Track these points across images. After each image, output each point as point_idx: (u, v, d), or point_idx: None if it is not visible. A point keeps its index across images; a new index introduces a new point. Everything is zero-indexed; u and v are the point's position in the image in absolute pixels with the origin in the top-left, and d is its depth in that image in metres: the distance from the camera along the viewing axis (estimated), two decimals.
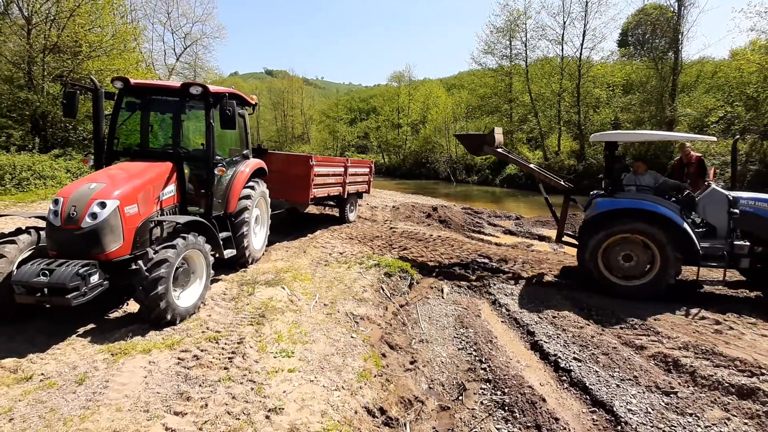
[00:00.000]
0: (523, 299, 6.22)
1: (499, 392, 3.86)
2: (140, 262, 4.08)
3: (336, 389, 3.49)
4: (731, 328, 5.08)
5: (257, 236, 7.02)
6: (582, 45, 28.85)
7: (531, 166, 7.77)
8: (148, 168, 4.97)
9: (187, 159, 5.63)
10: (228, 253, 5.73)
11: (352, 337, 4.52)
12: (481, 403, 3.77)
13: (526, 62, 32.69)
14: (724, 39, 67.03)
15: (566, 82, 29.81)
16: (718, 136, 20.41)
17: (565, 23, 29.48)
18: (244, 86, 55.76)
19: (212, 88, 5.44)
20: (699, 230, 6.32)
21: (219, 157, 5.87)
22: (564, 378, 4.16)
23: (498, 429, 3.44)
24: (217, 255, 5.32)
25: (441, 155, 38.22)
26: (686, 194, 6.45)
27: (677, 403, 3.64)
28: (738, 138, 7.90)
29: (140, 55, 22.54)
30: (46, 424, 2.79)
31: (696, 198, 6.36)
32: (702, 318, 5.42)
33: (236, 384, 3.36)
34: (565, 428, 3.34)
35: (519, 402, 3.66)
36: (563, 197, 7.36)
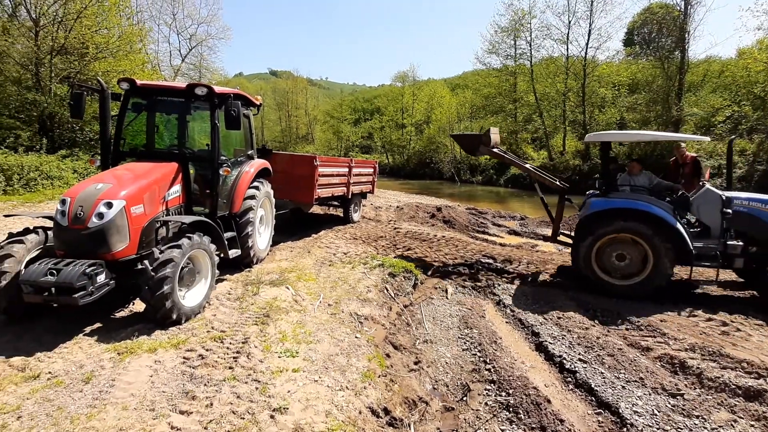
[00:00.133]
0: (528, 300, 6.21)
1: (504, 393, 3.85)
2: (146, 262, 4.11)
3: (340, 389, 3.50)
4: (738, 330, 5.04)
5: (262, 236, 7.04)
6: (587, 44, 28.82)
7: (526, 166, 7.79)
8: (154, 168, 5.00)
9: (193, 159, 5.67)
10: (233, 253, 5.76)
11: (357, 338, 4.52)
12: (486, 404, 3.77)
13: (531, 62, 32.52)
14: (731, 38, 66.47)
15: (571, 82, 29.69)
16: (726, 136, 20.24)
17: (571, 22, 29.43)
18: (249, 87, 55.91)
19: (217, 89, 5.47)
20: (693, 230, 6.33)
21: (224, 158, 5.90)
22: (569, 379, 4.14)
23: (503, 430, 3.43)
24: (222, 255, 5.35)
25: (445, 155, 38.15)
26: (680, 194, 6.47)
27: (683, 405, 3.61)
28: (734, 138, 7.87)
29: (146, 57, 22.65)
30: (54, 422, 2.82)
31: (690, 198, 6.37)
32: (709, 319, 5.38)
33: (241, 383, 3.38)
34: (570, 430, 3.33)
35: (524, 403, 3.65)
36: (558, 197, 7.41)
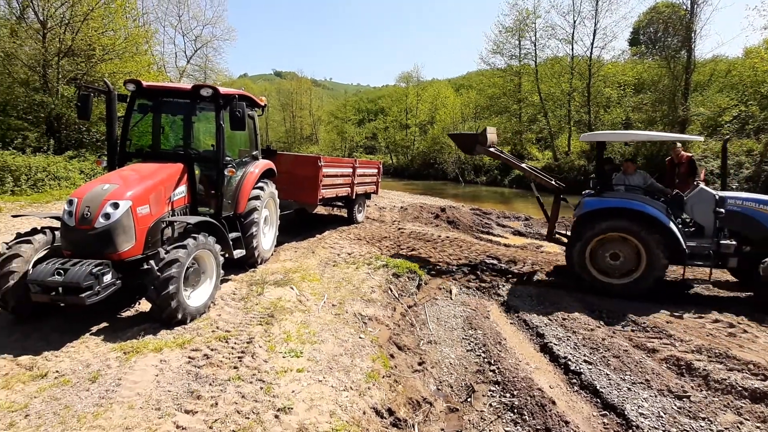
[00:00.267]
0: (533, 301, 6.19)
1: (509, 394, 3.84)
2: (152, 262, 4.14)
3: (344, 389, 3.50)
4: (745, 332, 5.00)
5: (266, 237, 7.07)
6: (592, 44, 28.61)
7: (523, 166, 7.83)
8: (160, 169, 5.03)
9: (198, 160, 5.70)
10: (237, 254, 5.79)
11: (361, 338, 4.53)
12: (490, 406, 3.76)
13: (536, 62, 32.41)
14: (738, 37, 65.73)
15: (576, 82, 29.52)
16: (733, 136, 20.07)
17: (576, 22, 29.24)
18: (254, 88, 56.03)
19: (222, 90, 5.50)
20: (688, 230, 6.35)
21: (229, 158, 5.92)
22: (574, 381, 4.12)
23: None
24: (227, 255, 5.38)
25: (449, 156, 38.00)
26: (675, 194, 6.48)
27: (689, 407, 3.59)
28: (728, 138, 7.90)
29: (152, 58, 22.82)
30: (61, 421, 2.85)
31: (685, 197, 6.38)
32: (716, 321, 5.35)
33: (246, 383, 3.39)
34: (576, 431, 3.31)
35: (528, 404, 3.63)
36: (554, 197, 7.44)
